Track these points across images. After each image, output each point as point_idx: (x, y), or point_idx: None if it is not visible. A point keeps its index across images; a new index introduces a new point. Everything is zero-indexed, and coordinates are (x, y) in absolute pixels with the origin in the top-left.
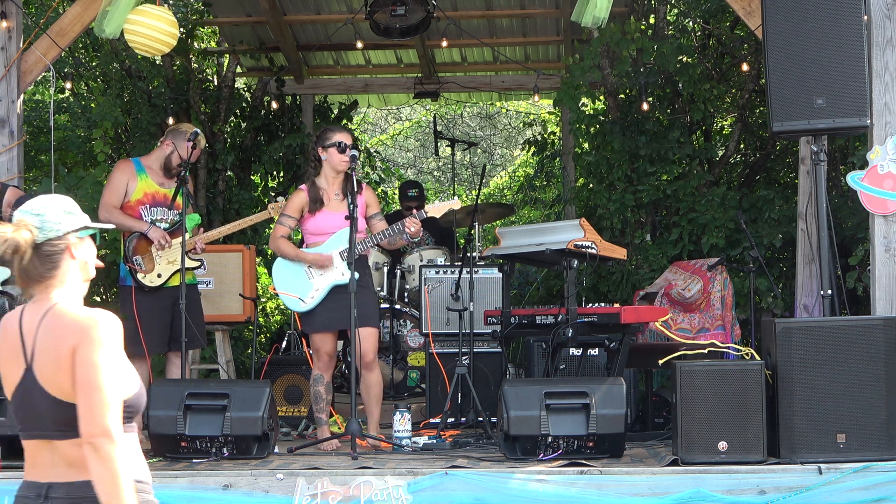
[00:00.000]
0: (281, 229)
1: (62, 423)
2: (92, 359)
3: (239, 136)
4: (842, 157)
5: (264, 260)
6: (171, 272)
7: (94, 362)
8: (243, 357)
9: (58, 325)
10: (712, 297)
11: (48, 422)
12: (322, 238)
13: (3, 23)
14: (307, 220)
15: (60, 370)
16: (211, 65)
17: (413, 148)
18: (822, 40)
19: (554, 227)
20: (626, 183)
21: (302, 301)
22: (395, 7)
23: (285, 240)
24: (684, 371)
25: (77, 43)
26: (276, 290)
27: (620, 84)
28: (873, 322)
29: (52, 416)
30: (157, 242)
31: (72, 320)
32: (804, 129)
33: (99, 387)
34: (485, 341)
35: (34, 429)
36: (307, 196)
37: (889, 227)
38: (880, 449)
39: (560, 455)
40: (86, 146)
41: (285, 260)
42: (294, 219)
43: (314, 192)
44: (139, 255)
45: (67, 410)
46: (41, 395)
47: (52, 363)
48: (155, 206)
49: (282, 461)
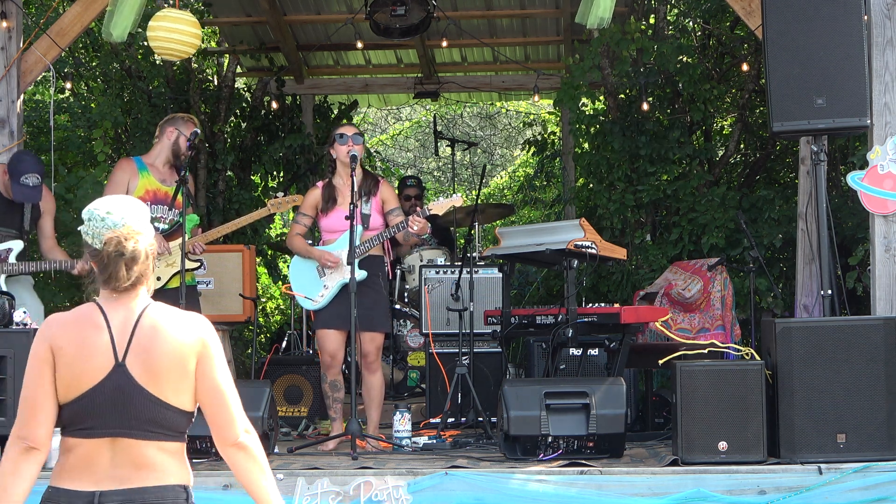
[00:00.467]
0: (297, 227)
1: (156, 423)
2: (218, 364)
3: (239, 136)
4: (842, 157)
5: (264, 260)
6: (170, 274)
7: (224, 367)
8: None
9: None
10: (712, 297)
11: (140, 421)
12: (334, 236)
13: (3, 23)
14: (321, 218)
15: (175, 373)
16: (211, 65)
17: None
18: (822, 40)
19: (554, 227)
20: (626, 183)
21: (311, 300)
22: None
23: (300, 237)
24: (684, 371)
25: (77, 43)
26: (287, 291)
27: (620, 84)
28: (873, 322)
29: (148, 415)
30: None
31: (185, 324)
32: (804, 129)
33: (230, 390)
34: (485, 341)
35: (118, 427)
36: (321, 194)
37: (889, 227)
38: (880, 449)
39: (560, 455)
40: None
41: (300, 258)
42: (309, 217)
43: (328, 191)
44: None
45: (166, 412)
46: (139, 392)
47: (164, 365)
48: (156, 204)
49: (282, 461)
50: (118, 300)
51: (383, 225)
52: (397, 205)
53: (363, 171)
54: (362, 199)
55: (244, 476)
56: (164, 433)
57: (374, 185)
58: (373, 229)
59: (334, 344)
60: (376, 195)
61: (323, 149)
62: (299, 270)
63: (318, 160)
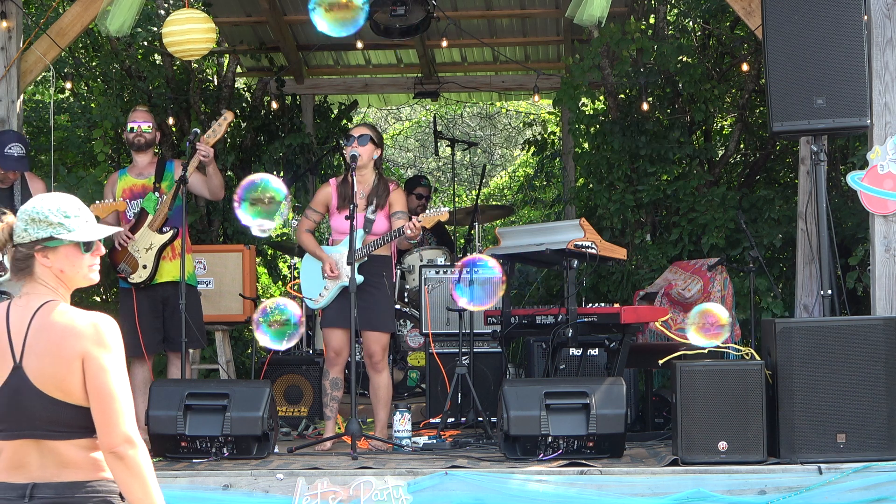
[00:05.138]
0: (305, 223)
1: (57, 423)
2: (106, 366)
3: (239, 136)
4: (842, 157)
5: (264, 260)
6: (153, 257)
7: (108, 369)
8: (243, 357)
9: (57, 325)
10: (712, 297)
11: (41, 422)
12: (342, 237)
13: (3, 23)
14: (332, 216)
15: (62, 371)
16: (211, 65)
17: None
18: (822, 40)
19: (554, 227)
20: (626, 183)
21: (312, 300)
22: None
23: (308, 234)
24: (684, 371)
25: (77, 43)
26: (290, 291)
27: (620, 84)
28: (873, 322)
29: (47, 416)
30: (116, 244)
31: (74, 323)
32: (804, 129)
33: (114, 394)
34: (485, 341)
35: (23, 429)
36: (333, 191)
37: (889, 227)
38: (880, 449)
39: (560, 455)
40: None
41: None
42: (318, 213)
43: (343, 189)
44: (121, 262)
45: (64, 411)
46: (34, 394)
47: (50, 364)
48: (134, 199)
49: (282, 461)
50: (23, 298)
51: (389, 229)
52: (403, 209)
53: (379, 176)
54: (369, 206)
55: (122, 487)
56: (71, 432)
57: (385, 195)
58: (376, 234)
59: (339, 341)
60: (385, 206)
61: (323, 149)
62: (308, 267)
63: (319, 160)
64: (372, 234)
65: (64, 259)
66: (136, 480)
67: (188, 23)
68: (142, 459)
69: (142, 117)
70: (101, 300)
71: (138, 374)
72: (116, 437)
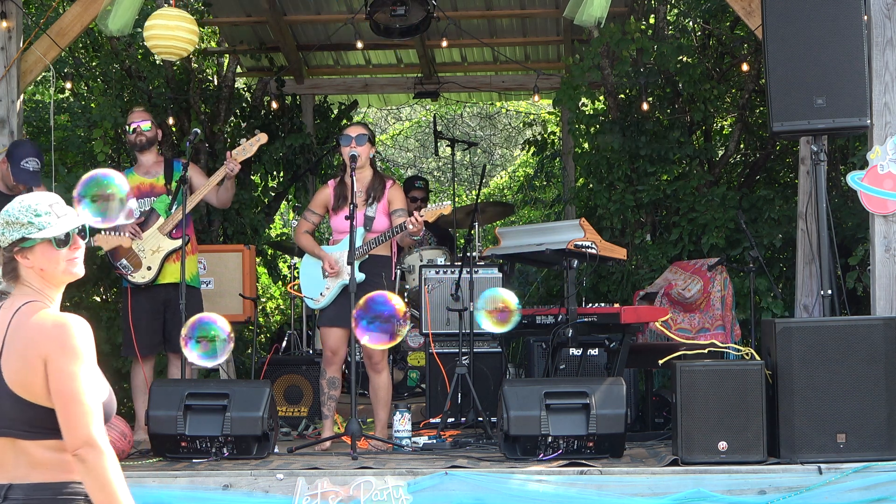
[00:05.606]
0: (304, 224)
1: (27, 423)
2: (69, 369)
3: (239, 136)
4: (842, 157)
5: (264, 260)
6: (159, 261)
7: (71, 372)
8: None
9: (27, 326)
10: (712, 297)
11: (13, 421)
12: (342, 236)
13: (3, 23)
14: (331, 217)
15: (29, 373)
16: (211, 65)
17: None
18: (822, 40)
19: (554, 227)
20: (626, 183)
21: (313, 299)
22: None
23: (308, 235)
24: (684, 371)
25: (77, 43)
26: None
27: (620, 84)
28: (873, 322)
29: (17, 415)
30: (126, 234)
31: (41, 324)
32: (804, 129)
33: (78, 397)
34: (485, 341)
35: (1, 426)
36: (332, 192)
37: (889, 227)
38: (880, 449)
39: (560, 455)
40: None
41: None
42: (318, 214)
43: (340, 190)
44: (122, 259)
45: (33, 412)
46: (6, 393)
47: (19, 364)
48: (141, 198)
49: (282, 461)
50: (9, 300)
51: (389, 227)
52: (402, 206)
53: (374, 172)
54: (367, 202)
55: (87, 490)
56: (39, 432)
57: (381, 189)
58: (377, 231)
59: (336, 341)
60: (382, 199)
61: (323, 149)
62: (308, 268)
63: (319, 160)
64: (372, 231)
65: (41, 257)
66: (96, 484)
67: (174, 20)
68: (105, 463)
69: (139, 117)
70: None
71: (138, 374)
72: (76, 440)
